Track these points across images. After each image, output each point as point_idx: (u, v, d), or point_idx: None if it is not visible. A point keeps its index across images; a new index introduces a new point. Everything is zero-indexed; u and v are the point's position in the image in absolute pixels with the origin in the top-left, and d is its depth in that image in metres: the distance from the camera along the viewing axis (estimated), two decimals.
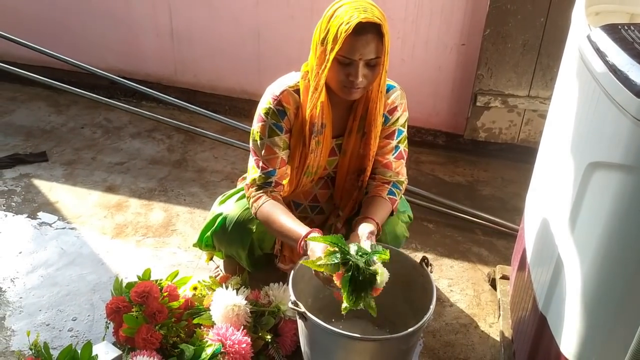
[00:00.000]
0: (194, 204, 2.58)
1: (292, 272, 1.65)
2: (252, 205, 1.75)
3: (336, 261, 1.41)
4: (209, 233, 1.95)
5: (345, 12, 1.52)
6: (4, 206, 2.50)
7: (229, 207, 1.91)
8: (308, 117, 1.68)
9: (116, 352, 1.67)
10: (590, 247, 1.23)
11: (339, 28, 1.51)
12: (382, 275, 1.41)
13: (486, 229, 2.50)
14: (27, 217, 2.45)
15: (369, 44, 1.53)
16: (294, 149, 1.75)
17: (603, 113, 1.20)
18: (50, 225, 2.41)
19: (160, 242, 2.35)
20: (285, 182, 1.80)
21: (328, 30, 1.54)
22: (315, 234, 1.57)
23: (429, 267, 1.70)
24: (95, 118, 3.23)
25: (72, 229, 2.39)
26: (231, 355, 1.67)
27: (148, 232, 2.40)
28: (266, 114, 1.71)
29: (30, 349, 1.59)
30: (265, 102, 1.72)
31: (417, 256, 1.82)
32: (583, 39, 1.33)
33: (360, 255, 1.44)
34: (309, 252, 1.54)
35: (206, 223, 1.99)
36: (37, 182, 2.67)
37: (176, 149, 3.00)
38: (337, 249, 1.43)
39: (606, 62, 1.19)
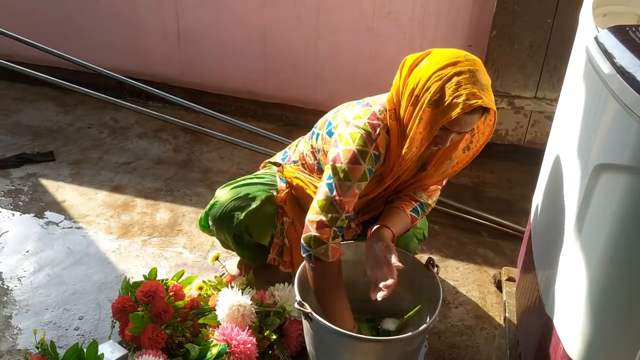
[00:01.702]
0: (200, 204, 2.59)
1: (298, 272, 1.65)
2: (323, 253, 1.59)
3: None
4: (202, 213, 1.98)
5: (466, 85, 1.44)
6: (11, 205, 2.52)
7: (224, 193, 1.92)
8: (400, 170, 1.63)
9: (122, 351, 1.67)
10: (597, 249, 1.23)
11: (454, 100, 1.44)
12: None
13: (492, 231, 2.50)
14: (34, 216, 2.46)
15: (471, 123, 1.51)
16: (365, 188, 1.68)
17: (610, 115, 1.20)
18: (57, 224, 2.42)
19: (166, 242, 2.35)
20: None
21: (441, 95, 1.46)
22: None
23: (435, 269, 1.69)
24: (102, 118, 3.24)
25: (78, 228, 2.40)
26: (236, 355, 1.68)
27: (154, 232, 2.40)
28: (363, 156, 1.59)
29: (37, 348, 1.60)
30: (359, 141, 1.59)
31: (422, 258, 1.81)
32: (591, 41, 1.32)
33: None
34: None
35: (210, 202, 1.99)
36: (44, 182, 2.69)
37: (182, 149, 3.01)
38: None
39: (614, 64, 1.18)
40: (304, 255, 1.64)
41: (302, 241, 1.62)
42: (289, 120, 3.24)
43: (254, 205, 1.85)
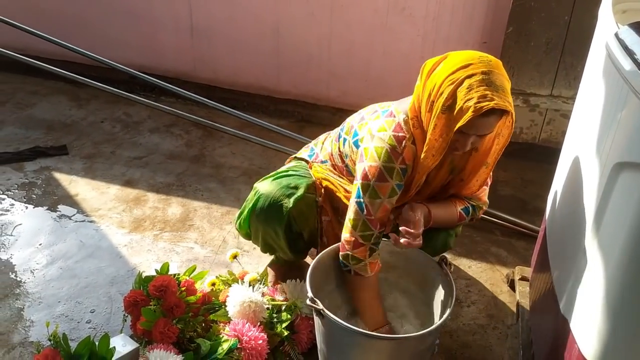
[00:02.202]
0: (212, 200, 2.59)
1: (310, 269, 1.64)
2: (361, 268, 1.65)
3: None
4: (245, 212, 1.87)
5: (477, 88, 1.42)
6: (24, 198, 2.53)
7: (266, 184, 1.84)
8: (423, 177, 1.63)
9: (133, 344, 1.67)
10: (616, 249, 1.21)
11: (465, 104, 1.42)
12: None
13: (505, 230, 2.47)
14: (47, 209, 2.47)
15: (489, 125, 1.49)
16: (401, 196, 1.68)
17: (631, 112, 1.18)
18: (69, 218, 2.43)
19: (177, 237, 2.35)
20: None
21: (454, 100, 1.44)
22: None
23: (449, 267, 1.68)
24: (115, 112, 3.25)
25: (91, 222, 2.41)
26: (247, 351, 1.67)
27: (165, 227, 2.41)
28: (390, 173, 1.59)
29: (49, 340, 1.61)
30: (385, 157, 1.59)
31: (436, 256, 1.80)
32: (611, 37, 1.30)
33: None
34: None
35: (247, 200, 1.89)
36: (58, 175, 2.70)
37: (194, 144, 3.01)
38: None
39: (635, 60, 1.16)
40: (344, 270, 1.70)
41: (340, 259, 1.68)
42: (301, 116, 3.23)
43: (299, 193, 1.80)
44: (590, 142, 1.41)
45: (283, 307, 1.81)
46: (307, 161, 1.94)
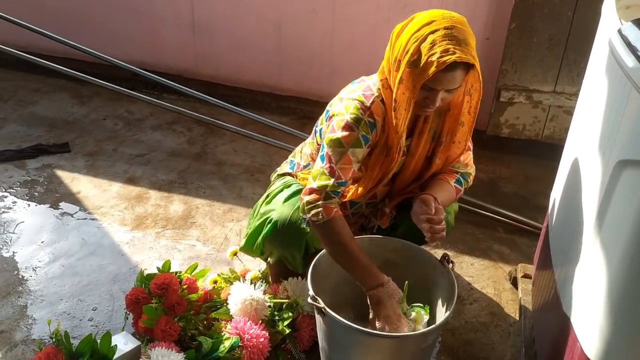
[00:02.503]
0: (214, 197, 2.59)
1: (311, 267, 1.64)
2: (314, 213, 1.59)
3: None
4: (259, 239, 1.80)
5: (440, 42, 1.45)
6: (27, 196, 2.53)
7: (278, 208, 1.77)
8: (401, 135, 1.61)
9: (135, 342, 1.67)
10: (618, 247, 1.20)
11: (429, 59, 1.45)
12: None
13: (508, 227, 2.47)
14: (50, 207, 2.48)
15: (455, 79, 1.50)
16: (374, 162, 1.68)
17: (634, 109, 1.17)
18: (71, 215, 2.44)
19: (179, 235, 2.35)
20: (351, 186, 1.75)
21: (418, 55, 1.47)
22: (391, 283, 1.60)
23: (450, 264, 1.68)
24: (116, 110, 3.25)
25: (93, 219, 2.42)
26: (249, 349, 1.67)
27: (167, 224, 2.41)
28: (357, 123, 1.60)
29: (51, 338, 1.61)
30: (352, 110, 1.61)
31: (437, 253, 1.79)
32: (614, 33, 1.29)
33: None
34: (376, 303, 1.57)
35: (255, 226, 1.82)
36: (60, 173, 2.70)
37: (196, 141, 3.01)
38: None
39: (638, 57, 1.16)
40: (304, 226, 1.67)
41: (300, 214, 1.64)
42: (303, 113, 3.23)
43: None
44: (593, 139, 1.40)
45: (284, 305, 1.81)
46: (290, 174, 1.91)
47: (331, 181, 1.60)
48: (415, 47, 1.49)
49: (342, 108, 1.64)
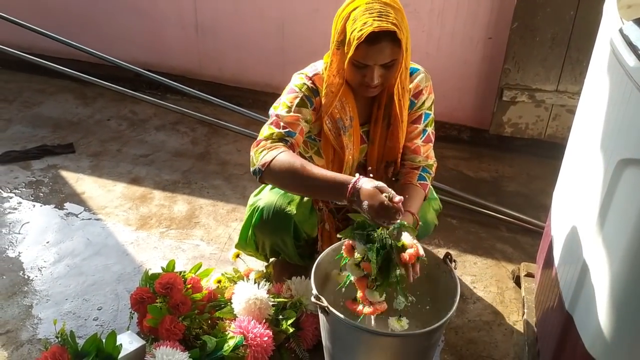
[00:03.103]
0: (217, 197, 2.60)
1: (314, 266, 1.65)
2: (265, 155, 1.56)
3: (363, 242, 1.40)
4: (250, 231, 1.87)
5: (360, 18, 1.50)
6: (32, 196, 2.55)
7: (264, 196, 1.85)
8: (325, 115, 1.66)
9: (140, 342, 1.68)
10: (620, 246, 1.20)
11: (351, 34, 1.50)
12: (413, 248, 1.39)
13: (511, 226, 2.47)
14: (55, 207, 2.49)
15: (382, 51, 1.52)
16: (325, 142, 1.72)
17: (635, 108, 1.17)
18: (76, 215, 2.45)
19: (183, 234, 2.36)
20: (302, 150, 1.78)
21: (344, 34, 1.54)
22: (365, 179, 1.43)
23: (453, 263, 1.68)
24: (120, 110, 3.27)
25: (97, 219, 2.43)
26: (253, 348, 1.68)
27: (172, 224, 2.42)
28: (300, 87, 1.69)
29: (57, 337, 1.62)
30: (296, 80, 1.71)
31: (440, 252, 1.80)
32: (615, 33, 1.29)
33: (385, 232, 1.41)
34: (363, 196, 1.38)
35: (245, 219, 1.90)
36: (64, 173, 2.72)
37: (200, 141, 3.02)
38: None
39: (639, 56, 1.16)
40: (258, 181, 1.61)
41: (250, 170, 1.62)
42: None
43: (298, 198, 1.81)
44: (595, 138, 1.41)
45: (288, 304, 1.82)
46: None
47: (276, 130, 1.64)
48: (341, 26, 1.55)
49: (289, 85, 1.73)
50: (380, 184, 1.41)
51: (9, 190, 2.58)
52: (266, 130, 1.67)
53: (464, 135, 3.09)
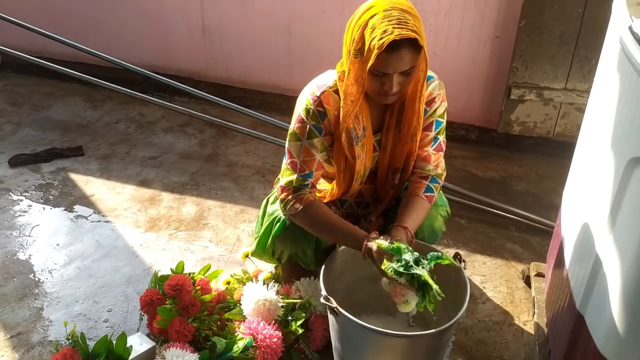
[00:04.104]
0: (225, 198, 2.60)
1: (323, 267, 1.65)
2: (289, 208, 1.67)
3: (401, 269, 1.46)
4: (270, 239, 1.83)
5: (379, 25, 1.45)
6: (42, 199, 2.56)
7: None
8: (343, 127, 1.63)
9: (150, 343, 1.69)
10: (632, 245, 1.19)
11: (371, 43, 1.45)
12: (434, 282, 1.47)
13: (520, 225, 2.46)
14: (64, 210, 2.51)
15: (402, 59, 1.49)
16: (337, 152, 1.70)
17: None
18: (86, 218, 2.46)
19: (192, 236, 2.37)
20: (328, 185, 1.78)
21: (363, 42, 1.49)
22: (377, 237, 1.57)
23: (462, 264, 1.67)
24: (129, 113, 3.28)
25: (107, 222, 2.44)
26: (262, 349, 1.68)
27: (180, 226, 2.43)
28: (306, 114, 1.64)
29: (68, 339, 1.63)
30: (304, 102, 1.66)
31: (449, 252, 1.80)
32: (625, 31, 1.28)
33: (418, 264, 1.48)
34: (375, 254, 1.53)
35: (264, 228, 1.85)
36: (74, 176, 2.73)
37: (208, 143, 3.03)
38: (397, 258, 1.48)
39: None
40: (289, 222, 1.74)
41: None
42: None
43: None
44: (605, 136, 1.40)
45: (297, 305, 1.82)
46: None
47: (295, 176, 1.68)
48: (359, 34, 1.50)
49: (298, 101, 1.69)
50: (381, 247, 1.51)
51: (19, 193, 2.60)
52: (285, 172, 1.71)
53: (472, 134, 3.08)
